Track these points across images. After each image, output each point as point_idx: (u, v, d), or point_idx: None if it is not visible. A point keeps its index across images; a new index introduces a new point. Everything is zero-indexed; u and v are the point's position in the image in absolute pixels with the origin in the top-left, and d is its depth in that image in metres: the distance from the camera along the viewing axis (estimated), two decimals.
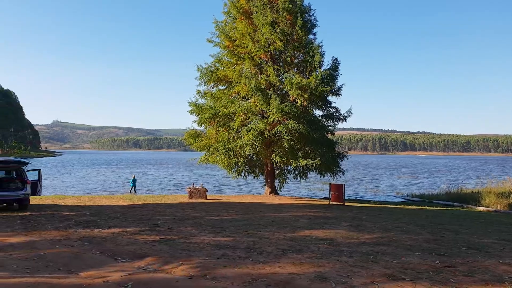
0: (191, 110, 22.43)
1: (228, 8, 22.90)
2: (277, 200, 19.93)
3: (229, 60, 22.72)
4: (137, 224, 10.54)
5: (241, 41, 21.62)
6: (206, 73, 22.68)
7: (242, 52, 21.74)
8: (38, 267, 5.97)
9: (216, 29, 23.06)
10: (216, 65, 23.32)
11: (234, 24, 22.64)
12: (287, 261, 6.50)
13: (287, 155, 20.33)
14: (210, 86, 23.41)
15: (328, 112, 22.70)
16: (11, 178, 14.61)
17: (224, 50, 23.04)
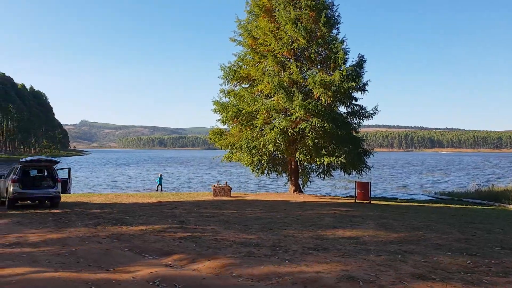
0: (214, 108, 22.60)
1: (251, 7, 22.89)
2: (301, 198, 19.83)
3: (252, 59, 22.73)
4: (163, 221, 10.70)
5: (264, 39, 21.58)
6: (229, 72, 22.77)
7: (264, 50, 21.71)
8: (69, 262, 6.14)
9: (238, 28, 23.11)
10: (239, 63, 23.38)
11: (256, 22, 22.61)
12: (313, 259, 6.45)
13: (311, 153, 20.17)
14: (233, 85, 23.51)
15: (353, 109, 22.39)
16: (43, 176, 15.10)
17: (247, 48, 23.06)
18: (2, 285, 4.87)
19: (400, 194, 30.28)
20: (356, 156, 20.92)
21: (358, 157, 21.34)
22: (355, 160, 20.85)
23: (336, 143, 20.51)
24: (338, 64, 20.38)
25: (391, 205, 18.52)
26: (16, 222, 10.41)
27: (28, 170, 15.11)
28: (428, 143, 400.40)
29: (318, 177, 23.42)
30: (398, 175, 53.81)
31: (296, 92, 20.20)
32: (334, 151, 20.23)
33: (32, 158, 15.32)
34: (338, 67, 20.38)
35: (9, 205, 13.67)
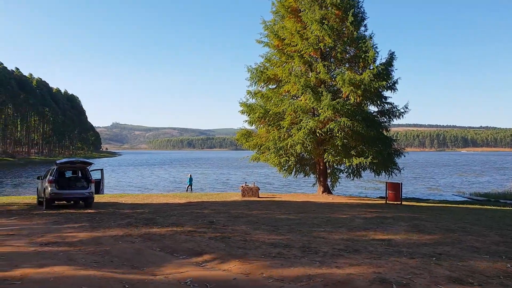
0: (242, 110, 22.70)
1: (276, 8, 22.86)
2: (330, 199, 19.61)
3: (278, 59, 22.69)
4: (193, 221, 10.83)
5: (290, 39, 21.50)
6: (256, 73, 22.81)
7: (291, 51, 21.62)
8: (104, 261, 6.30)
9: (264, 29, 23.12)
10: (266, 64, 23.39)
11: (282, 23, 22.56)
12: (344, 261, 6.35)
13: (340, 153, 19.90)
14: (260, 86, 23.54)
15: (383, 108, 22.00)
16: (77, 177, 15.62)
17: (273, 49, 23.05)
18: (42, 282, 5.06)
19: (432, 195, 29.42)
20: (386, 157, 20.51)
21: (389, 158, 20.91)
22: (385, 160, 20.45)
23: (366, 143, 20.17)
24: (368, 63, 20.06)
25: (424, 206, 18.02)
26: (53, 221, 10.80)
27: (64, 172, 15.66)
28: (461, 143, 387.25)
29: (347, 178, 23.10)
30: (429, 176, 52.34)
31: (324, 91, 20.00)
32: (363, 151, 19.90)
33: (67, 160, 15.87)
34: (368, 65, 20.06)
35: (47, 205, 14.20)
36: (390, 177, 21.65)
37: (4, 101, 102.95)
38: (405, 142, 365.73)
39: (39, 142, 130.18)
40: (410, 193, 29.00)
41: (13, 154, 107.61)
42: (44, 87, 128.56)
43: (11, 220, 11.06)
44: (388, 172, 21.40)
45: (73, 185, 14.97)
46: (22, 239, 8.18)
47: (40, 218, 11.52)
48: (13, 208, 14.56)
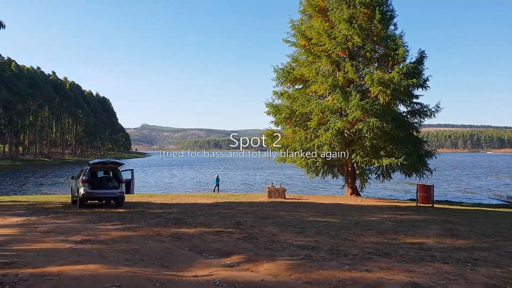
0: (268, 111, 22.67)
1: (304, 7, 22.73)
2: (359, 201, 19.30)
3: (306, 59, 22.55)
4: (221, 222, 10.91)
5: (318, 39, 21.33)
6: (283, 74, 22.74)
7: (318, 50, 21.44)
8: (135, 260, 6.44)
9: (291, 28, 23.03)
10: (292, 64, 23.29)
11: (310, 22, 22.41)
12: (374, 264, 6.23)
13: (369, 154, 19.57)
14: (286, 86, 23.45)
15: (413, 108, 21.50)
16: (108, 177, 16.04)
17: (300, 49, 22.92)
18: (78, 278, 5.23)
19: (466, 198, 28.46)
20: (416, 158, 20.02)
21: (419, 159, 20.41)
22: (416, 161, 19.96)
23: (396, 144, 19.74)
24: (397, 61, 19.66)
25: (457, 209, 17.46)
26: (87, 220, 11.14)
27: (96, 172, 16.11)
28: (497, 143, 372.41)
29: (376, 180, 22.68)
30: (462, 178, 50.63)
31: (352, 91, 19.72)
32: (393, 152, 19.49)
33: (99, 160, 16.33)
34: (397, 64, 19.64)
35: (80, 204, 14.66)
36: (421, 179, 21.10)
37: (41, 104, 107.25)
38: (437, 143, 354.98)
39: (73, 143, 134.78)
40: (442, 196, 28.14)
41: (49, 155, 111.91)
42: (77, 90, 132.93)
43: (48, 219, 11.49)
44: (419, 174, 20.89)
45: (104, 185, 15.38)
46: (58, 236, 8.47)
47: (74, 217, 11.90)
48: (49, 206, 15.11)
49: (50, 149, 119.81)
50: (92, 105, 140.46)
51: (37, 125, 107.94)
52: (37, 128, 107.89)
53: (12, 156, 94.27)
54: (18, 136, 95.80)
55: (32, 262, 6.03)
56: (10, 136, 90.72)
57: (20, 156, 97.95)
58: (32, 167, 74.49)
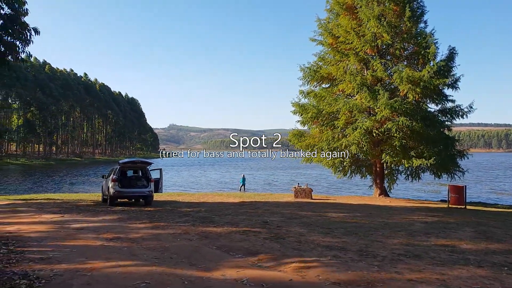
0: (294, 110, 22.52)
1: (331, 5, 22.46)
2: (387, 202, 18.92)
3: (333, 58, 22.27)
4: (248, 221, 10.95)
5: (345, 37, 21.02)
6: (309, 73, 22.55)
7: (346, 49, 21.14)
8: (164, 258, 6.56)
9: (318, 27, 22.81)
10: (319, 63, 23.05)
11: (337, 20, 22.11)
12: (404, 266, 6.09)
13: (398, 154, 19.12)
14: (313, 86, 23.22)
15: (444, 107, 20.86)
16: (138, 176, 16.38)
17: (327, 47, 22.66)
18: (109, 275, 5.37)
19: (501, 199, 27.40)
20: (447, 158, 19.42)
21: (451, 159, 19.79)
22: (447, 162, 19.38)
23: (426, 144, 19.22)
24: (428, 59, 19.14)
25: (491, 211, 16.84)
26: (117, 218, 11.42)
27: (126, 171, 16.48)
28: None
29: (405, 180, 22.17)
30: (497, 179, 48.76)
31: (380, 90, 19.34)
32: (423, 152, 18.97)
33: (129, 160, 16.70)
34: (428, 62, 19.13)
35: (110, 202, 15.05)
36: (452, 179, 20.46)
37: (72, 105, 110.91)
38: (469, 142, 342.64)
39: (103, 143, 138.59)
40: (474, 197, 27.18)
41: (80, 154, 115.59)
42: (107, 91, 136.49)
43: (80, 216, 11.86)
44: (450, 175, 20.26)
45: (134, 184, 15.71)
46: (90, 233, 8.74)
47: (105, 215, 12.23)
48: (81, 204, 15.60)
49: (81, 149, 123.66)
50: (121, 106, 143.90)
51: (69, 125, 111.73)
52: (69, 128, 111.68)
53: (46, 156, 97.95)
54: (52, 136, 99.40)
55: (66, 258, 6.24)
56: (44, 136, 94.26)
57: (53, 156, 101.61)
58: (64, 166, 77.14)
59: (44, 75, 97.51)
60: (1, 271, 5.08)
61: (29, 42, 12.98)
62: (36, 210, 13.02)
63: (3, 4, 12.46)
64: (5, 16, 12.53)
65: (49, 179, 45.89)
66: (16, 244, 7.19)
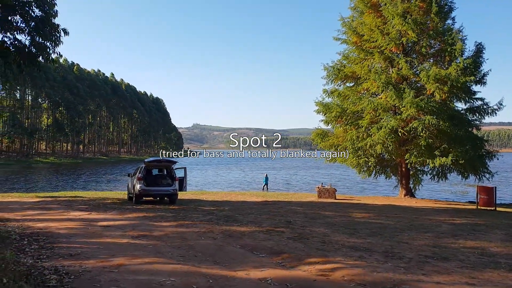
0: (317, 109, 22.33)
1: (355, 3, 22.16)
2: (413, 203, 18.53)
3: (357, 56, 21.98)
4: (271, 220, 10.94)
5: (370, 35, 20.72)
6: (333, 71, 22.32)
7: (370, 47, 20.82)
8: (189, 256, 6.63)
9: (342, 26, 22.57)
10: (343, 62, 22.80)
11: (361, 19, 21.82)
12: (432, 269, 5.95)
13: (424, 154, 18.69)
14: (337, 84, 22.99)
15: (472, 105, 20.27)
16: (163, 175, 16.62)
17: (351, 46, 22.38)
18: (136, 271, 5.47)
19: None
20: (475, 158, 18.83)
21: (479, 159, 19.20)
22: (474, 162, 18.80)
23: (453, 143, 18.71)
24: (455, 56, 18.63)
25: None
26: (142, 216, 11.62)
27: (151, 169, 16.76)
28: None
29: (431, 181, 21.65)
30: None
31: (406, 88, 18.96)
32: (450, 152, 18.48)
33: (154, 159, 16.96)
34: (455, 59, 18.62)
35: (136, 200, 15.33)
36: (481, 180, 19.83)
37: (99, 104, 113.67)
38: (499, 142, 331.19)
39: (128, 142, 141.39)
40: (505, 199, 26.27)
41: (106, 153, 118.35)
42: (132, 91, 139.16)
43: (107, 214, 12.13)
44: (478, 175, 19.64)
45: (159, 182, 15.95)
46: (117, 231, 8.92)
47: (130, 212, 12.47)
48: (107, 202, 15.95)
49: (107, 148, 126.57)
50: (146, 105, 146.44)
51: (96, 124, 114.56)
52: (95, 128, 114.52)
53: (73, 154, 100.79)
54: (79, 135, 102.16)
55: (94, 255, 6.40)
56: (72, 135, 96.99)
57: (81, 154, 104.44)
58: (91, 165, 79.19)
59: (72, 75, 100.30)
60: (33, 266, 5.25)
61: (59, 43, 13.35)
62: (65, 208, 13.40)
63: (35, 7, 12.87)
64: (36, 18, 12.92)
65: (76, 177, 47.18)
66: (46, 240, 7.41)
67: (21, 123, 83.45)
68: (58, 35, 13.28)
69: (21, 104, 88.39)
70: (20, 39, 13.22)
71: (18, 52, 12.92)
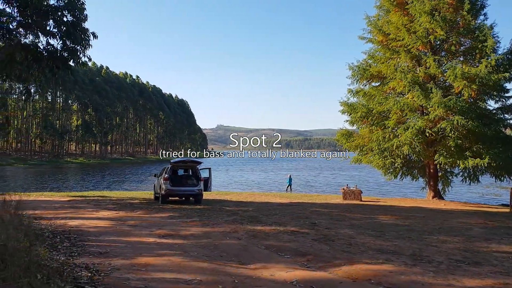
0: (342, 109, 22.06)
1: (381, 2, 21.80)
2: (442, 205, 18.05)
3: (383, 55, 21.61)
4: (295, 222, 10.90)
5: (396, 34, 20.32)
6: (358, 71, 22.02)
7: (396, 46, 20.43)
8: (214, 255, 6.68)
9: (367, 25, 22.23)
10: (369, 61, 22.46)
11: (387, 17, 21.45)
12: (463, 274, 5.77)
13: (453, 155, 18.18)
14: (362, 84, 22.67)
15: (504, 104, 19.58)
16: (188, 175, 16.84)
17: (377, 45, 22.02)
18: (162, 270, 5.57)
19: None
20: (509, 159, 18.15)
21: None
22: (508, 163, 18.12)
23: (483, 144, 18.12)
24: (486, 54, 18.04)
25: None
26: (168, 216, 11.81)
27: (177, 170, 17.00)
28: None
29: (462, 183, 21.02)
30: None
31: (433, 88, 18.50)
32: (481, 152, 17.89)
33: (180, 159, 17.21)
34: (486, 56, 18.02)
35: (162, 200, 15.59)
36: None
37: (126, 106, 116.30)
38: None
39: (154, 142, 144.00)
40: None
41: (133, 154, 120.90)
42: (158, 93, 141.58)
43: (134, 213, 12.40)
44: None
45: (184, 183, 16.16)
46: (144, 230, 9.10)
47: (157, 212, 12.69)
48: (134, 202, 16.30)
49: (134, 148, 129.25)
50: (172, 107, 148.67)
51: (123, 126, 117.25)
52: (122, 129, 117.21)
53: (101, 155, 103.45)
54: (107, 136, 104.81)
55: (122, 253, 6.55)
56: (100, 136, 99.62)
57: (108, 155, 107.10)
58: (118, 165, 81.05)
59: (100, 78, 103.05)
60: (65, 263, 5.42)
61: (89, 46, 13.77)
62: (94, 207, 13.77)
63: (66, 12, 13.31)
64: (67, 23, 13.36)
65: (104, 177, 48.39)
66: (77, 238, 7.64)
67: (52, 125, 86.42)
68: (87, 39, 13.69)
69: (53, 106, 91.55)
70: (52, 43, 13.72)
71: (51, 56, 13.40)
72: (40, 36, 13.66)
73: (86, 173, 56.16)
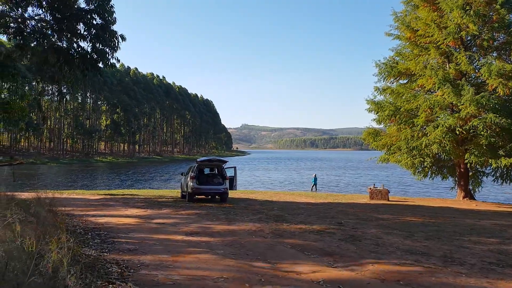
0: (369, 108, 21.73)
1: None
2: (473, 206, 17.49)
3: (411, 52, 21.15)
4: (321, 221, 10.81)
5: (425, 30, 19.83)
6: (385, 68, 21.64)
7: (425, 42, 19.95)
8: (240, 254, 6.72)
9: (395, 21, 21.81)
10: (396, 58, 22.05)
11: (415, 13, 20.97)
12: (497, 277, 5.58)
13: (485, 154, 17.59)
14: (389, 82, 22.28)
15: None
16: (214, 174, 17.01)
17: (405, 42, 21.60)
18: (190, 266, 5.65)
19: None
20: None
21: None
22: None
23: None
24: None
25: None
26: (195, 214, 11.96)
27: (203, 169, 17.20)
28: None
29: (493, 182, 20.31)
30: None
31: (465, 85, 17.94)
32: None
33: (206, 158, 17.40)
34: None
35: (189, 198, 15.80)
36: None
37: (153, 107, 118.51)
38: None
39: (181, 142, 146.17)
40: None
41: (160, 153, 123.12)
42: (184, 93, 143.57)
43: (161, 211, 12.62)
44: None
45: (210, 181, 16.33)
46: (171, 228, 9.25)
47: (184, 210, 12.87)
48: (162, 200, 16.59)
49: (161, 148, 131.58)
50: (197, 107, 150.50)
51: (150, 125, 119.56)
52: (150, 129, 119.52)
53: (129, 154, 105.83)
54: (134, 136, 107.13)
55: (150, 250, 6.68)
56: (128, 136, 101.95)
57: (136, 154, 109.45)
58: (146, 164, 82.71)
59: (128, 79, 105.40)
60: (96, 259, 5.59)
61: (117, 48, 14.11)
62: (123, 205, 14.10)
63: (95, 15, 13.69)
64: (97, 26, 13.75)
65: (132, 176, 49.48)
66: (107, 235, 7.85)
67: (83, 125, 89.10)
68: (116, 41, 14.03)
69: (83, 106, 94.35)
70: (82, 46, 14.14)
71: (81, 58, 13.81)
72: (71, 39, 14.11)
73: (114, 172, 57.57)
